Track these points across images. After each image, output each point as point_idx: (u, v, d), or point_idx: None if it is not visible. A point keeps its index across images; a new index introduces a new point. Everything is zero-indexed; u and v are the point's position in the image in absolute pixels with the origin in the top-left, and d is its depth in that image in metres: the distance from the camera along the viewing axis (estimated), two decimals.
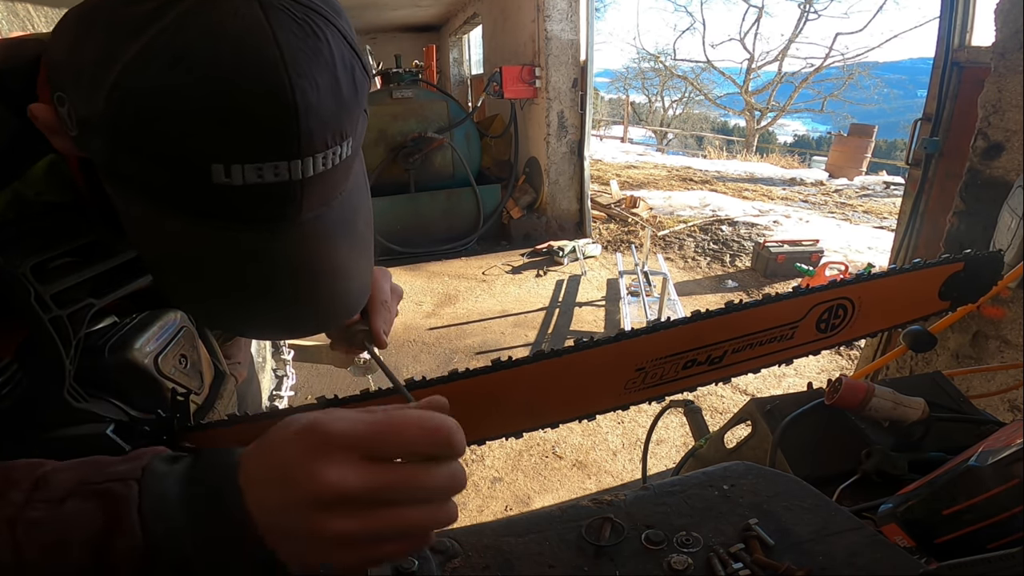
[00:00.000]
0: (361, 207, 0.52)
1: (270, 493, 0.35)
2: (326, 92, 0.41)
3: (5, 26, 4.00)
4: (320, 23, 0.42)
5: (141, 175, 0.43)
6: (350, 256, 0.51)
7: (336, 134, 0.43)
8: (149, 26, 0.38)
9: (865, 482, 0.75)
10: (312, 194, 0.44)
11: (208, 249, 0.45)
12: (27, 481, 0.38)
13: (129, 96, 0.39)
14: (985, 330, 1.73)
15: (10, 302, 0.52)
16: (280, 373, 2.54)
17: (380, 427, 0.35)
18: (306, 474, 0.33)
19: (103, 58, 0.40)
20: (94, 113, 0.41)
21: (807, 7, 16.77)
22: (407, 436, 0.35)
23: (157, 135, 0.40)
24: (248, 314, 0.50)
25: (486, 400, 0.73)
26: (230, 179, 0.41)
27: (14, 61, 0.52)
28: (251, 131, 0.40)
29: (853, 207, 6.94)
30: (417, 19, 8.95)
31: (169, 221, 0.44)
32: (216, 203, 0.42)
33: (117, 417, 0.63)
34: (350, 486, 0.33)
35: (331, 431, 0.34)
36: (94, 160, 0.45)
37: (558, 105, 5.15)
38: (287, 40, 0.39)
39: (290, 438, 0.35)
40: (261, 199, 0.42)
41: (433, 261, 5.06)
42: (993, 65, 1.66)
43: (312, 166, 0.42)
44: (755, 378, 2.93)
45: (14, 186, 0.52)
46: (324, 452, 0.34)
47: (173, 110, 0.39)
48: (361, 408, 0.37)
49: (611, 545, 0.54)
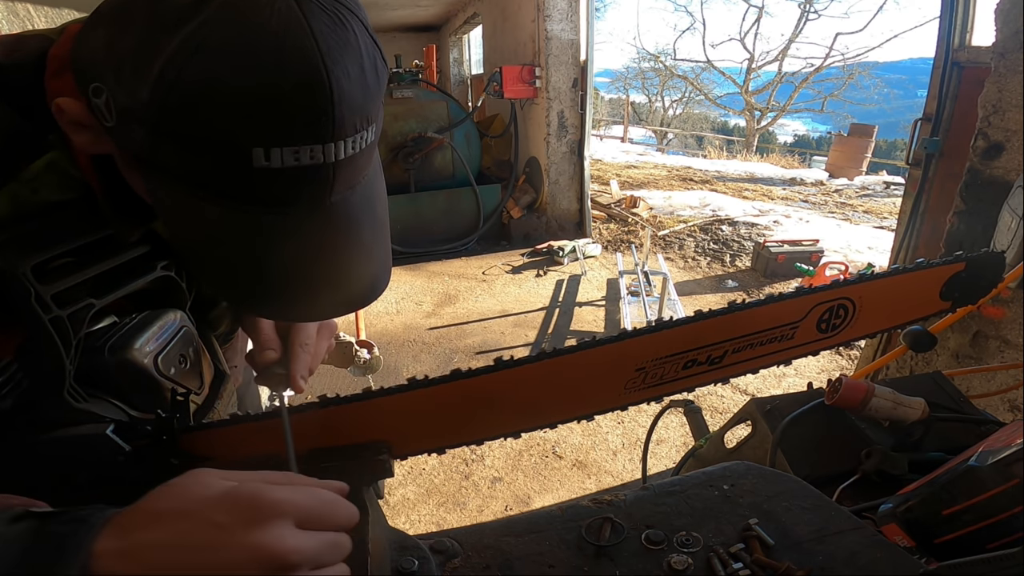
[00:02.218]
0: (379, 192, 0.55)
1: (166, 559, 0.34)
2: (356, 80, 0.44)
3: (5, 26, 4.00)
4: (346, 14, 0.44)
5: (182, 163, 0.44)
6: (373, 239, 0.54)
7: (363, 119, 0.45)
8: (192, 17, 0.40)
9: (865, 482, 0.75)
10: (341, 176, 0.47)
11: (242, 234, 0.47)
12: None
13: (173, 87, 0.41)
14: (985, 330, 1.73)
15: (10, 302, 0.52)
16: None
17: (318, 501, 0.38)
18: (250, 539, 0.34)
19: (144, 51, 0.41)
20: (138, 103, 0.42)
21: (807, 7, 16.78)
22: (336, 513, 0.39)
23: (201, 123, 0.41)
24: (279, 296, 0.52)
25: (486, 400, 0.73)
26: (269, 162, 0.43)
27: (17, 56, 0.52)
28: (290, 116, 0.42)
29: (853, 207, 6.94)
30: (417, 19, 8.94)
31: (208, 207, 0.46)
32: (255, 186, 0.44)
33: (117, 417, 0.63)
34: (305, 549, 0.35)
35: (273, 498, 0.36)
36: (130, 151, 0.46)
37: (558, 105, 5.15)
38: (321, 31, 0.41)
39: (210, 504, 0.35)
40: (297, 181, 0.45)
41: (433, 261, 5.06)
42: (993, 65, 1.66)
43: (344, 149, 0.45)
44: (755, 378, 2.93)
45: (10, 186, 0.52)
46: (264, 518, 0.35)
47: (216, 99, 0.41)
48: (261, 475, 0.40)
49: (611, 545, 0.54)
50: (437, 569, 0.52)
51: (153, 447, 0.62)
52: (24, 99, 0.50)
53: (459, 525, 0.46)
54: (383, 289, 0.57)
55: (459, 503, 2.19)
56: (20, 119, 0.50)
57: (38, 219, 0.54)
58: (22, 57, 0.52)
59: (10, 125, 0.50)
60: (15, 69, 0.51)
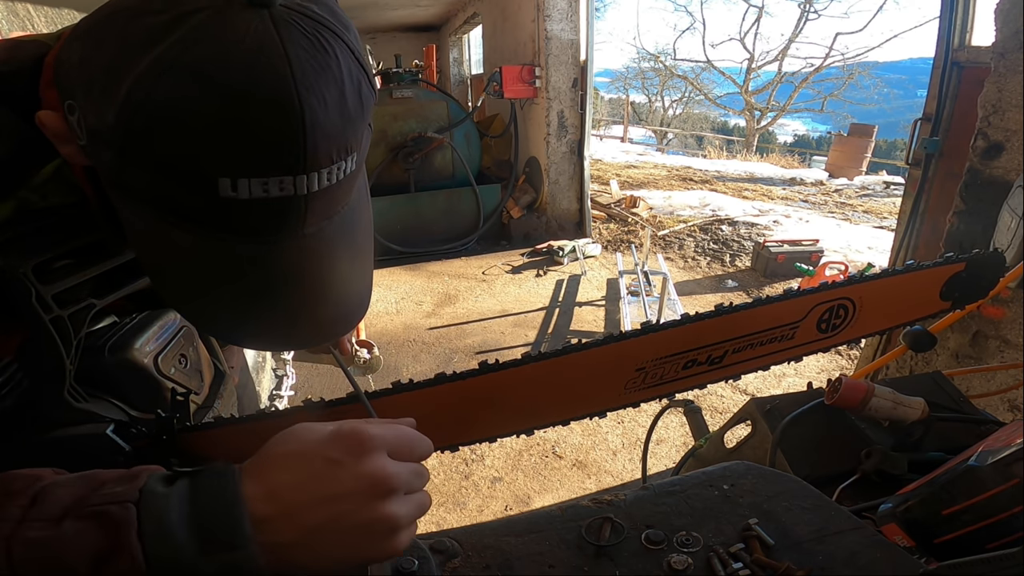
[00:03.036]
0: (361, 220, 0.53)
1: (301, 495, 0.39)
2: (333, 108, 0.42)
3: (5, 26, 4.00)
4: (329, 38, 0.42)
5: (149, 188, 0.43)
6: (350, 268, 0.52)
7: (341, 149, 0.43)
8: (162, 39, 0.38)
9: (865, 482, 0.75)
10: (315, 208, 0.45)
11: (212, 261, 0.46)
12: (24, 496, 0.37)
13: (140, 109, 0.39)
14: (985, 330, 1.73)
15: (11, 302, 0.52)
16: (280, 373, 2.54)
17: (403, 437, 0.43)
18: (360, 469, 0.39)
19: (114, 70, 0.40)
20: (104, 125, 0.41)
21: (807, 7, 16.77)
22: (416, 447, 0.44)
23: (166, 148, 0.40)
24: (248, 324, 0.51)
25: (486, 400, 0.73)
26: (236, 193, 0.41)
27: (15, 62, 0.51)
28: (258, 146, 0.40)
29: (853, 207, 6.94)
30: (417, 19, 8.94)
31: (175, 233, 0.44)
32: (221, 216, 0.43)
33: (117, 417, 0.63)
34: (401, 476, 0.41)
35: (371, 433, 0.41)
36: (101, 171, 0.45)
37: (558, 105, 5.15)
38: (297, 55, 0.40)
39: (323, 444, 0.40)
40: (266, 213, 0.43)
41: (433, 261, 5.06)
42: (993, 65, 1.66)
43: (317, 181, 0.43)
44: (755, 378, 2.94)
45: (20, 193, 0.52)
46: (368, 450, 0.40)
47: (183, 124, 0.39)
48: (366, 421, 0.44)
49: (611, 545, 0.54)
50: (437, 569, 0.52)
51: (153, 447, 0.62)
52: (24, 105, 0.49)
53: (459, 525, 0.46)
54: (358, 321, 0.56)
55: (459, 503, 2.19)
56: (25, 126, 0.49)
57: (40, 220, 0.54)
58: (19, 64, 0.51)
59: (18, 133, 0.50)
60: (13, 76, 0.50)
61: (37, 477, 0.39)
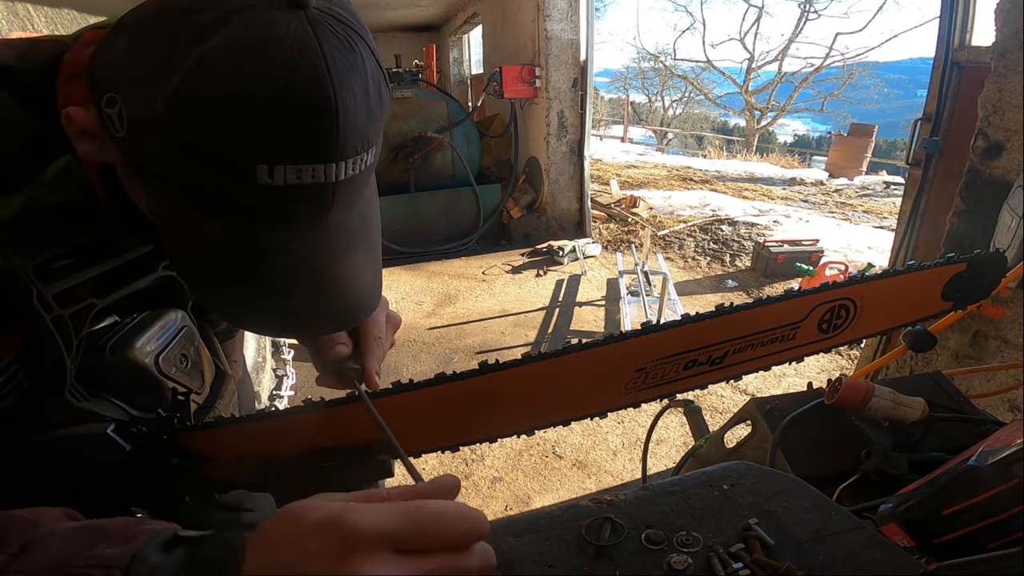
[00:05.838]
0: (373, 216, 0.56)
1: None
2: (361, 102, 0.45)
3: (5, 26, 4.00)
4: (356, 39, 0.45)
5: (187, 175, 0.46)
6: (365, 260, 0.55)
7: (365, 142, 0.47)
8: (212, 35, 0.42)
9: (865, 482, 0.75)
10: (341, 197, 0.48)
11: (240, 247, 0.48)
12: (14, 543, 0.36)
13: (189, 101, 0.42)
14: (985, 330, 1.73)
15: (12, 302, 0.52)
16: (280, 373, 2.54)
17: (412, 522, 0.34)
18: (337, 569, 0.32)
19: (164, 62, 0.43)
20: (152, 115, 0.44)
21: (807, 7, 16.77)
22: (441, 532, 0.35)
23: (211, 137, 0.43)
24: (270, 311, 0.53)
25: (486, 401, 0.73)
26: (272, 179, 0.44)
27: (33, 60, 0.53)
28: (297, 135, 0.43)
29: (853, 207, 6.94)
30: (417, 19, 8.94)
31: (207, 221, 0.47)
32: (255, 201, 0.46)
33: (118, 417, 0.63)
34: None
35: (358, 527, 0.33)
36: (139, 161, 0.47)
37: (558, 105, 5.15)
38: (331, 53, 0.43)
39: (307, 533, 0.34)
40: (297, 199, 0.46)
41: (433, 261, 5.06)
42: (993, 65, 1.66)
43: (344, 170, 0.46)
44: (755, 378, 2.93)
45: (28, 189, 0.52)
46: (350, 548, 0.32)
47: (228, 116, 0.42)
48: (379, 495, 0.36)
49: (611, 545, 0.54)
50: None
51: (153, 447, 0.62)
52: (38, 102, 0.51)
53: None
54: (372, 311, 0.58)
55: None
56: (35, 123, 0.51)
57: (42, 218, 0.54)
58: (36, 61, 0.53)
59: (28, 130, 0.51)
60: (30, 73, 0.52)
61: (35, 523, 0.38)
